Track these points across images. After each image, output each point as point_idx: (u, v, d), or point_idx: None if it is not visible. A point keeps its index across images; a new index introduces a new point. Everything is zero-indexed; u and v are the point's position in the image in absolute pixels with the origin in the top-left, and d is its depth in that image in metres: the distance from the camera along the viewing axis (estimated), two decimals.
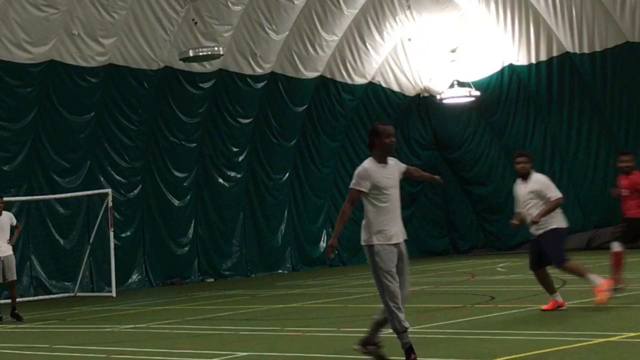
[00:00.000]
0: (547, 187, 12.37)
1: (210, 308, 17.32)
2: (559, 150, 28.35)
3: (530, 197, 12.26)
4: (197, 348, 11.33)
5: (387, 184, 8.81)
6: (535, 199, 12.24)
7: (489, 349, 9.45)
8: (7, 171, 22.51)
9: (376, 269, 8.71)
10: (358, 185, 8.75)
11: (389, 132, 8.86)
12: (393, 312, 8.68)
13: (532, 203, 12.24)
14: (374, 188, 8.75)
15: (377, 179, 8.76)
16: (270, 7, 25.64)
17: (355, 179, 8.79)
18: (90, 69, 23.31)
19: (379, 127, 8.92)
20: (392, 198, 8.85)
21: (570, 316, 12.01)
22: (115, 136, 24.43)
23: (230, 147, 26.82)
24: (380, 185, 8.76)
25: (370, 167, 8.81)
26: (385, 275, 8.68)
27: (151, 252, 25.39)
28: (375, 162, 8.85)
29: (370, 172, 8.78)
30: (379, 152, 8.87)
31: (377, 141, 8.85)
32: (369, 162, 8.87)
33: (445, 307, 13.29)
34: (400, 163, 9.17)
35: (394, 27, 28.55)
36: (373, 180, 8.75)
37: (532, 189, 12.30)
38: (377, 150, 8.88)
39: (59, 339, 13.67)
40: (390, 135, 8.86)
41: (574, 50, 27.01)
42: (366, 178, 8.75)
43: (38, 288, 23.07)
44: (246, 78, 26.48)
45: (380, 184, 8.76)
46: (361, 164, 8.91)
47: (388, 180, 8.84)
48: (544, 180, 12.48)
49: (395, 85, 30.02)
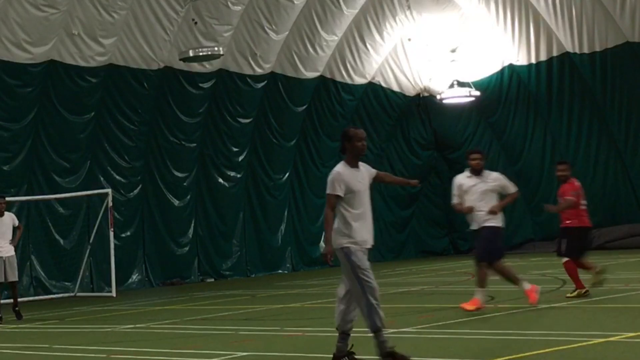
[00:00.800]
0: (508, 183, 13.19)
1: (210, 308, 17.32)
2: (559, 150, 28.33)
3: (488, 192, 12.96)
4: (197, 348, 11.33)
5: (359, 188, 8.87)
6: (492, 194, 12.98)
7: (489, 349, 9.45)
8: (7, 171, 22.51)
9: (354, 268, 8.72)
10: (334, 190, 8.78)
11: (360, 136, 8.92)
12: (374, 308, 8.66)
13: (488, 198, 12.90)
14: (348, 192, 8.80)
15: (350, 183, 8.81)
16: (270, 7, 25.65)
17: (331, 184, 8.80)
18: (90, 69, 23.31)
19: (351, 131, 8.99)
20: (364, 203, 8.90)
21: (570, 316, 12.02)
22: (115, 136, 24.43)
23: (230, 147, 26.83)
24: (354, 189, 8.81)
25: (343, 171, 8.85)
26: (364, 272, 8.70)
27: (151, 252, 25.39)
28: (347, 167, 8.89)
29: (344, 176, 8.81)
30: (350, 156, 8.93)
31: (349, 145, 8.90)
32: (341, 166, 8.91)
33: (445, 307, 13.29)
34: (371, 168, 9.20)
35: (394, 27, 28.56)
36: (347, 184, 8.79)
37: (492, 186, 13.02)
38: (349, 154, 8.93)
39: (59, 339, 13.67)
40: (362, 139, 8.92)
41: (574, 50, 27.01)
42: (341, 182, 8.78)
43: (38, 288, 23.06)
44: (246, 78, 26.48)
45: (354, 188, 8.81)
46: (333, 169, 8.92)
47: (360, 185, 8.89)
48: (502, 177, 13.25)
49: (395, 85, 30.02)
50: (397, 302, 15.44)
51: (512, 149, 29.29)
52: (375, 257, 29.67)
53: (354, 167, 8.90)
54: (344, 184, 8.77)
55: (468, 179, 13.14)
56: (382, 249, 29.77)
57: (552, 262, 22.79)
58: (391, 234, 30.59)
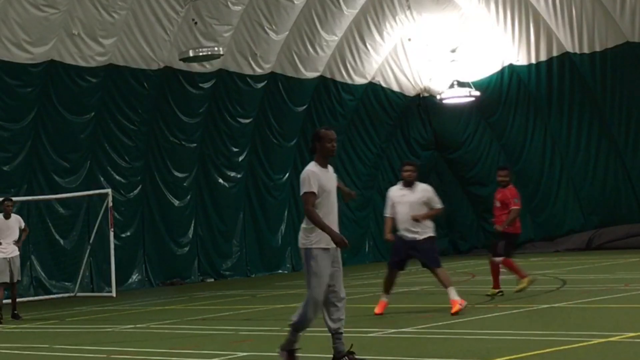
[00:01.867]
0: (435, 197, 13.58)
1: (210, 308, 17.33)
2: (559, 150, 28.35)
3: (419, 203, 13.31)
4: (197, 348, 11.33)
5: (330, 188, 8.93)
6: (423, 206, 13.34)
7: (489, 349, 9.45)
8: (7, 171, 22.51)
9: (310, 272, 8.82)
10: (311, 187, 8.79)
11: (330, 137, 8.96)
12: (308, 313, 8.85)
13: (416, 209, 13.27)
14: (320, 191, 8.84)
15: (322, 182, 8.86)
16: (270, 7, 25.64)
17: (307, 183, 8.81)
18: (90, 69, 23.30)
19: (321, 131, 9.04)
20: (332, 203, 8.94)
21: (570, 316, 12.02)
22: (115, 136, 24.43)
23: (230, 147, 26.82)
24: (325, 189, 8.86)
25: (315, 170, 8.90)
26: (318, 279, 8.80)
27: (151, 252, 25.39)
28: (318, 166, 8.95)
29: (317, 175, 8.86)
30: (320, 157, 8.98)
31: (319, 145, 8.96)
32: (313, 165, 8.95)
33: (446, 307, 13.28)
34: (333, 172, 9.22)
35: (394, 27, 28.55)
36: (320, 183, 8.84)
37: (422, 197, 13.38)
38: (319, 154, 8.98)
39: (59, 339, 13.67)
40: (332, 140, 8.97)
41: (574, 50, 27.01)
42: (316, 180, 8.82)
43: (38, 288, 23.06)
44: (246, 78, 26.48)
45: (325, 187, 8.86)
46: (305, 168, 8.96)
47: (330, 185, 8.96)
48: (431, 190, 13.61)
49: (395, 85, 30.01)
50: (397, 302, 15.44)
51: (512, 149, 29.29)
52: (376, 257, 29.72)
53: (324, 168, 8.97)
54: (318, 182, 8.83)
55: (400, 191, 13.54)
56: (382, 248, 29.77)
57: (552, 262, 22.84)
58: None
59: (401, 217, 13.33)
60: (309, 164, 9.00)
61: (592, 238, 27.25)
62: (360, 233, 29.16)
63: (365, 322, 12.79)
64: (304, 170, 8.93)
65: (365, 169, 30.03)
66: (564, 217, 28.38)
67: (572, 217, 28.31)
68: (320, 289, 8.79)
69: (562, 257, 24.54)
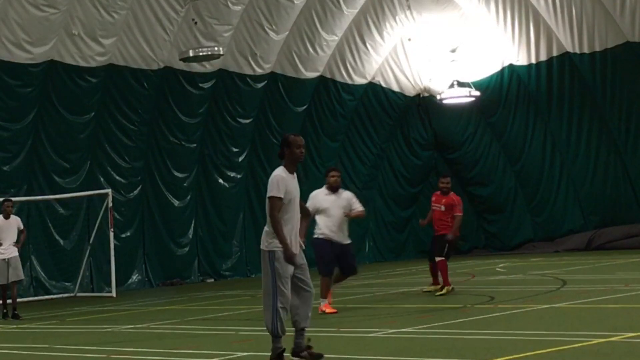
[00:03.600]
0: (357, 200, 14.20)
1: (210, 308, 17.33)
2: (559, 150, 28.35)
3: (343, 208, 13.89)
4: (197, 348, 11.33)
5: (295, 194, 9.06)
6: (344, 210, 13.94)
7: (489, 349, 9.45)
8: (7, 171, 22.51)
9: (274, 273, 8.99)
10: (279, 192, 8.92)
11: (299, 143, 9.08)
12: (279, 314, 8.98)
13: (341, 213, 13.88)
14: (286, 196, 8.94)
15: (289, 187, 8.98)
16: (270, 7, 25.64)
17: (276, 187, 8.92)
18: (90, 69, 23.30)
19: (290, 137, 9.16)
20: (295, 209, 9.09)
21: (570, 316, 12.02)
22: (115, 136, 24.42)
23: (230, 147, 26.81)
24: (291, 195, 8.98)
25: (284, 176, 9.00)
26: (282, 281, 8.99)
27: (151, 253, 25.38)
28: (286, 172, 9.05)
29: (285, 181, 8.97)
30: (288, 162, 9.10)
31: (288, 151, 9.08)
32: (281, 170, 9.06)
33: (445, 307, 13.29)
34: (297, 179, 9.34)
35: (394, 27, 28.55)
36: (287, 189, 8.95)
37: (346, 202, 13.95)
38: (287, 160, 9.10)
39: (59, 339, 13.67)
40: (301, 146, 9.09)
41: (574, 50, 27.01)
42: (284, 185, 8.93)
43: (38, 288, 23.06)
44: (246, 78, 26.47)
45: (291, 194, 8.97)
46: (274, 172, 9.08)
47: (296, 191, 9.08)
48: (353, 197, 14.24)
49: (395, 85, 30.00)
50: (397, 302, 15.45)
51: (512, 149, 29.28)
52: (376, 257, 29.73)
53: (291, 173, 9.08)
54: (286, 188, 8.93)
55: (326, 196, 13.90)
56: (382, 248, 29.75)
57: (552, 263, 22.83)
58: (391, 234, 30.58)
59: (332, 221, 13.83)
60: (277, 169, 9.12)
61: (592, 238, 27.24)
62: (360, 233, 29.15)
63: (365, 322, 12.79)
64: (273, 175, 9.05)
65: (365, 169, 30.02)
66: (563, 217, 28.37)
67: (572, 217, 28.30)
68: (286, 289, 8.97)
69: (562, 257, 24.53)
